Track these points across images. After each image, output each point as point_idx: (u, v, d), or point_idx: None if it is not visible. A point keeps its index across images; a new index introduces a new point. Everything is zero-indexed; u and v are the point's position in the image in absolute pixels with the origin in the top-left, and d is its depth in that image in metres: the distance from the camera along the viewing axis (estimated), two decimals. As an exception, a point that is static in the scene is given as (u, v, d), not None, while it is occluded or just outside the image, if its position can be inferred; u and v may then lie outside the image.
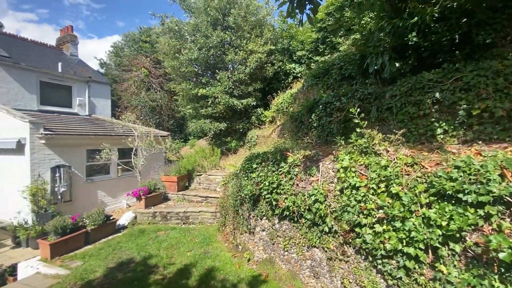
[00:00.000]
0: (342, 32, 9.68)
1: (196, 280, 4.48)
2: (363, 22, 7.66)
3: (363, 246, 3.50)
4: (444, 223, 2.82)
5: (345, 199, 3.69)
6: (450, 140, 3.76)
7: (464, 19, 4.49)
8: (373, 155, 3.73)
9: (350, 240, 3.72)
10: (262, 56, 10.70)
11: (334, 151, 4.39)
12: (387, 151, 3.69)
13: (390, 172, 3.36)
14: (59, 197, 7.67)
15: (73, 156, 8.25)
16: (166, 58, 11.82)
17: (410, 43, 4.92)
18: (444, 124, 3.86)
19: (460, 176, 2.84)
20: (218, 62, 11.20)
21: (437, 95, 4.00)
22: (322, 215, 3.93)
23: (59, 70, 11.60)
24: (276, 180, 4.60)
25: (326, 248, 4.02)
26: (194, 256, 5.33)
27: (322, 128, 5.49)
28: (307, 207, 4.14)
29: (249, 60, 10.58)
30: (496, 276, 2.53)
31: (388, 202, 3.29)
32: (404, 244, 3.13)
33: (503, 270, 2.50)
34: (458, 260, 2.85)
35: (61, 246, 5.47)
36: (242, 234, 5.61)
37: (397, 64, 4.81)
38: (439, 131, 3.88)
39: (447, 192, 2.84)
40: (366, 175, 3.62)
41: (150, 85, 17.56)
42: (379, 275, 3.47)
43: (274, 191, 4.59)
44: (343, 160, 3.85)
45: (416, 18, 4.59)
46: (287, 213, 4.44)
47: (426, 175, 3.18)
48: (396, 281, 3.25)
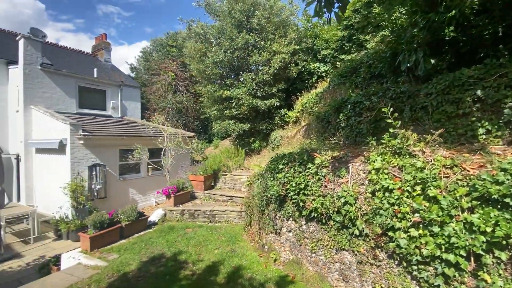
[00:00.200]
0: (370, 29, 9.37)
1: (224, 277, 4.58)
2: (393, 17, 7.34)
3: (397, 250, 3.37)
4: (489, 229, 2.64)
5: (377, 202, 3.57)
6: (493, 141, 3.50)
7: (509, 11, 4.16)
8: (407, 156, 3.58)
9: (382, 244, 3.59)
10: (286, 57, 10.67)
11: (364, 152, 4.27)
12: (423, 152, 3.52)
13: (427, 174, 3.21)
14: (95, 193, 8.21)
15: (107, 156, 8.79)
16: (192, 61, 12.18)
17: (446, 38, 4.66)
18: (486, 123, 3.60)
19: (507, 179, 2.64)
20: (242, 64, 11.35)
21: (478, 92, 3.74)
22: (352, 217, 3.84)
23: (95, 76, 12.44)
24: (303, 181, 4.57)
25: (356, 252, 3.92)
26: (221, 254, 5.44)
27: (350, 128, 5.36)
28: (336, 209, 4.06)
29: (272, 61, 10.61)
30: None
31: (425, 206, 3.14)
32: (443, 250, 2.96)
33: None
34: (503, 269, 2.66)
35: (99, 239, 5.86)
36: (268, 234, 5.63)
37: (432, 61, 4.57)
38: (481, 131, 3.62)
39: (492, 196, 2.66)
40: (400, 177, 3.48)
41: (177, 88, 18.21)
42: (414, 282, 3.32)
43: (301, 192, 4.56)
44: (374, 162, 3.73)
45: (454, 12, 4.33)
46: (315, 214, 4.39)
47: (467, 178, 3.00)
48: (433, 288, 3.09)
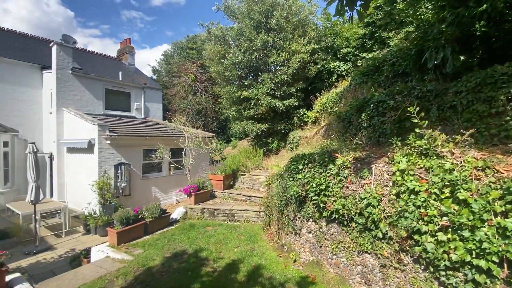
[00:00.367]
0: (393, 26, 9.07)
1: (244, 276, 4.64)
2: (418, 13, 7.07)
3: (423, 255, 3.26)
4: (525, 235, 2.49)
5: (402, 204, 3.47)
6: (531, 142, 3.29)
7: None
8: (435, 157, 3.45)
9: (408, 248, 3.48)
10: (305, 56, 10.59)
11: (388, 153, 4.16)
12: (452, 153, 3.37)
13: (456, 176, 3.07)
14: (120, 191, 8.61)
15: (131, 155, 9.18)
16: (212, 63, 12.41)
17: (477, 33, 4.43)
18: (522, 123, 3.40)
19: (548, 182, 2.48)
20: (261, 65, 11.40)
21: (513, 90, 3.54)
22: (375, 219, 3.76)
23: (120, 79, 13.02)
24: (324, 182, 4.52)
25: (379, 255, 3.83)
26: (241, 253, 5.52)
27: (373, 128, 5.23)
28: (358, 211, 3.99)
29: (291, 61, 10.57)
30: None
31: (454, 209, 3.01)
32: (474, 255, 2.83)
33: None
34: (542, 278, 2.50)
35: (125, 234, 6.14)
36: (287, 235, 5.63)
37: (462, 58, 4.36)
38: (516, 131, 3.42)
39: (530, 201, 2.50)
40: (427, 179, 3.36)
41: (196, 89, 18.63)
42: (442, 288, 3.19)
43: (322, 193, 4.52)
44: (399, 163, 3.63)
45: (485, 6, 4.11)
46: (336, 216, 4.34)
47: (501, 181, 2.84)
48: (463, 295, 2.96)
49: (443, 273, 3.10)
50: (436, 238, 3.11)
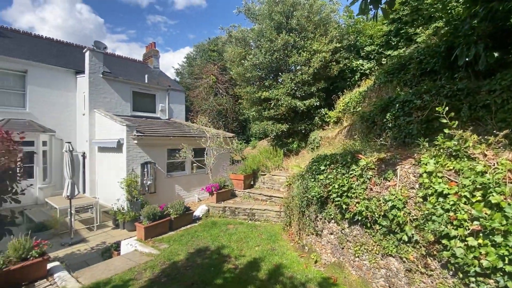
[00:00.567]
0: (420, 22, 8.70)
1: (265, 274, 4.71)
2: (448, 8, 6.75)
3: (452, 260, 3.14)
4: None
5: (429, 207, 3.37)
6: None
7: None
8: (465, 159, 3.31)
9: (435, 252, 3.37)
10: (327, 55, 10.46)
11: (414, 154, 4.04)
12: (485, 155, 3.22)
13: (489, 179, 2.94)
14: (146, 188, 9.03)
15: (157, 154, 9.59)
16: (233, 65, 12.61)
17: (513, 28, 4.17)
18: None
19: None
20: (281, 65, 11.42)
21: (555, 88, 3.30)
22: (401, 222, 3.67)
23: (146, 81, 13.63)
24: (347, 183, 4.48)
25: (404, 259, 3.74)
26: (262, 251, 5.60)
27: (398, 129, 5.08)
28: (383, 213, 3.92)
29: (312, 60, 10.48)
30: None
31: (486, 213, 2.88)
32: (506, 262, 2.70)
33: None
34: None
35: (151, 230, 6.46)
36: (308, 236, 5.63)
37: (496, 54, 4.12)
38: (557, 132, 3.20)
39: None
40: (456, 182, 3.23)
41: (217, 90, 19.01)
42: (473, 295, 3.06)
43: (345, 195, 4.48)
44: (426, 164, 3.52)
45: (523, -1, 3.86)
46: (359, 218, 4.28)
47: (540, 185, 2.68)
48: (495, 304, 2.82)
49: (473, 279, 2.98)
50: (466, 243, 2.99)
